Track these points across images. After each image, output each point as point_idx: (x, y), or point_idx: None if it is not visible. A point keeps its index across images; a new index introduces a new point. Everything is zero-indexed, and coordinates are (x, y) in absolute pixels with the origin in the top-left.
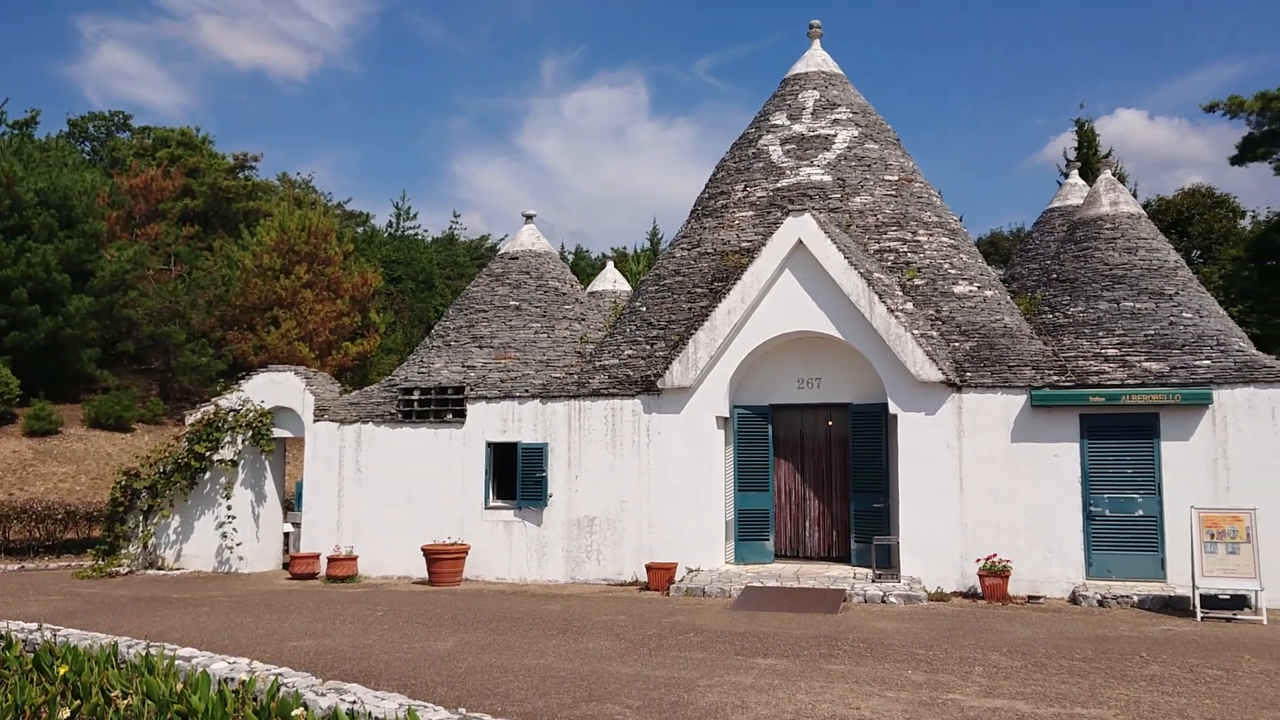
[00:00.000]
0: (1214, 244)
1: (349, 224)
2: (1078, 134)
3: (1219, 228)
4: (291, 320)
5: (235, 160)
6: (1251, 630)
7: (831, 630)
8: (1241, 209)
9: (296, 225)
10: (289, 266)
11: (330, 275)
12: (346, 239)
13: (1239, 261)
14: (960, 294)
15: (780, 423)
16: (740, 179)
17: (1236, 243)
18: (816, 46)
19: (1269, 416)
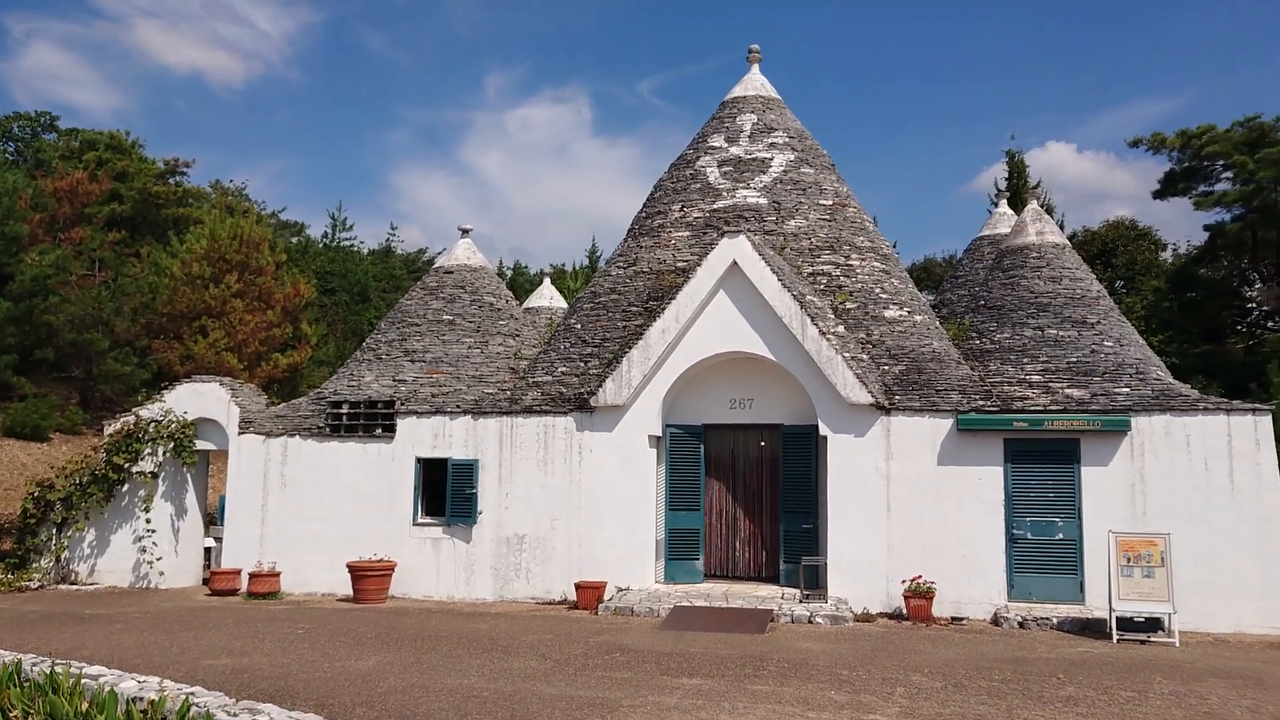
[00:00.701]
0: (1137, 275)
1: (283, 233)
2: (1008, 165)
3: (1142, 259)
4: (220, 330)
5: (166, 166)
6: (1164, 652)
7: (758, 650)
8: (1163, 242)
9: (228, 233)
10: (219, 275)
11: (262, 285)
12: (280, 249)
13: (1160, 293)
14: (891, 318)
15: (712, 442)
16: (677, 199)
17: (1158, 274)
18: (755, 71)
19: (1184, 444)
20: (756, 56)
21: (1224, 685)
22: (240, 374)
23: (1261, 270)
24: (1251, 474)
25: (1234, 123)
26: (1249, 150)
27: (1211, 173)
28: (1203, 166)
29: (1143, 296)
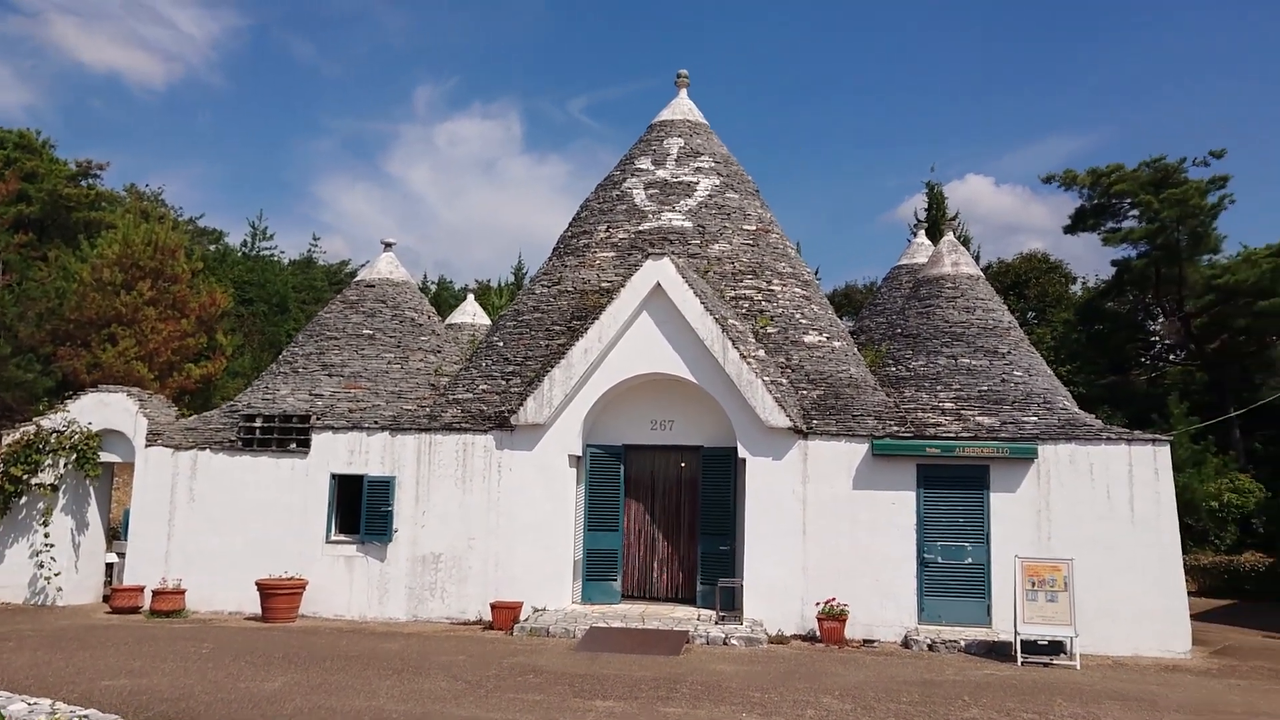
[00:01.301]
0: (1048, 307)
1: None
2: (928, 196)
3: (1053, 292)
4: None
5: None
6: (1065, 675)
7: (672, 672)
8: (1073, 275)
9: (142, 239)
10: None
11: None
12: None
13: (1069, 325)
14: (810, 343)
15: (633, 463)
16: (604, 220)
17: (1068, 307)
18: (683, 95)
19: (1087, 472)
20: (684, 81)
21: (1119, 708)
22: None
23: (1164, 305)
24: (1151, 502)
25: (1141, 163)
26: (1154, 190)
27: (1119, 210)
28: (1111, 204)
29: (1053, 328)
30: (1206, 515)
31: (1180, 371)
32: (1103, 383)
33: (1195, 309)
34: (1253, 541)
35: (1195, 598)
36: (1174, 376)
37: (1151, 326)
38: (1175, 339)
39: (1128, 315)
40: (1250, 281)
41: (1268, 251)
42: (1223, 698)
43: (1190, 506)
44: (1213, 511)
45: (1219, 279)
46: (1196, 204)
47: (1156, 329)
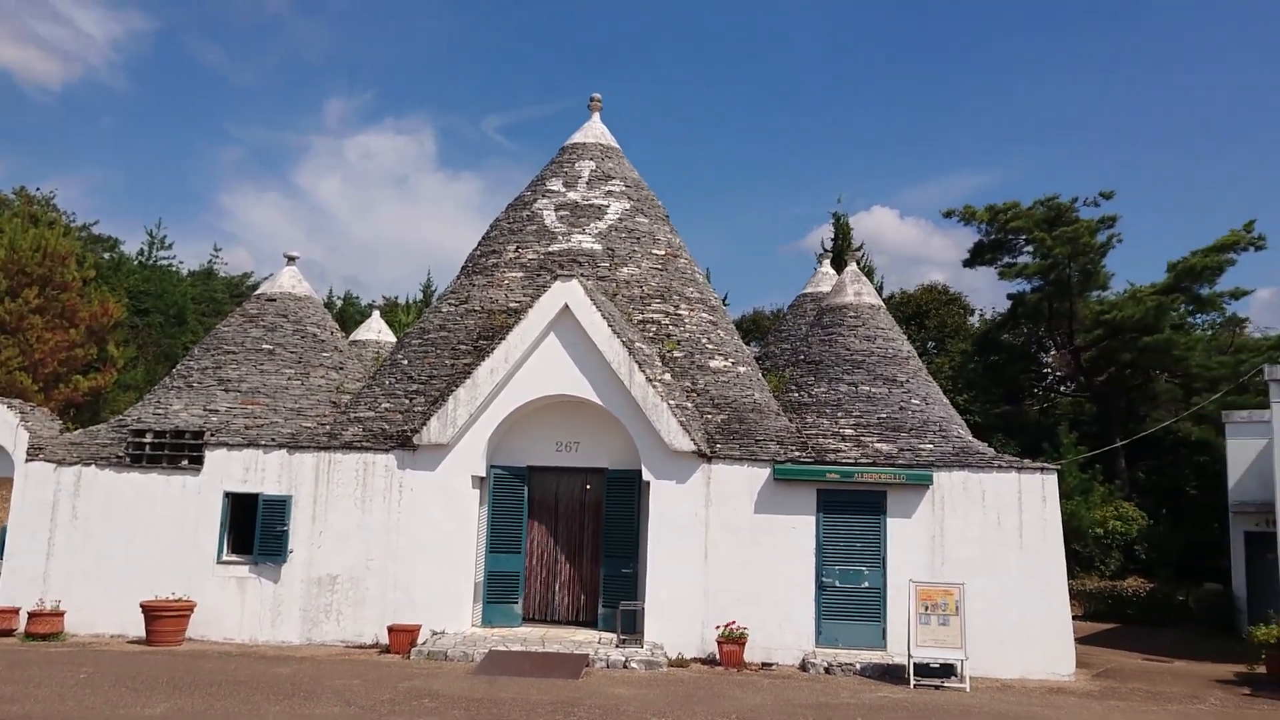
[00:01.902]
0: (947, 337)
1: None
2: (834, 226)
3: (951, 323)
4: (14, 348)
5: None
6: (956, 698)
7: (571, 696)
8: (971, 307)
9: (30, 244)
10: (16, 289)
11: (65, 301)
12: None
13: (966, 355)
14: (716, 368)
15: (536, 485)
16: (513, 239)
17: (965, 337)
18: (596, 119)
19: (979, 498)
20: (598, 105)
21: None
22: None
23: (1056, 338)
24: (1038, 528)
25: (1036, 201)
26: (1048, 227)
27: (1015, 245)
28: (1008, 239)
29: (951, 358)
30: (1093, 542)
31: (1070, 402)
32: (997, 412)
33: (1085, 343)
34: (1135, 567)
35: (1081, 621)
36: (1064, 407)
37: (1044, 358)
38: (1066, 371)
39: (1022, 347)
40: (1136, 318)
41: (1151, 290)
42: (1103, 719)
43: (1077, 533)
44: (1098, 538)
45: (1107, 314)
46: (1087, 242)
47: (1049, 361)
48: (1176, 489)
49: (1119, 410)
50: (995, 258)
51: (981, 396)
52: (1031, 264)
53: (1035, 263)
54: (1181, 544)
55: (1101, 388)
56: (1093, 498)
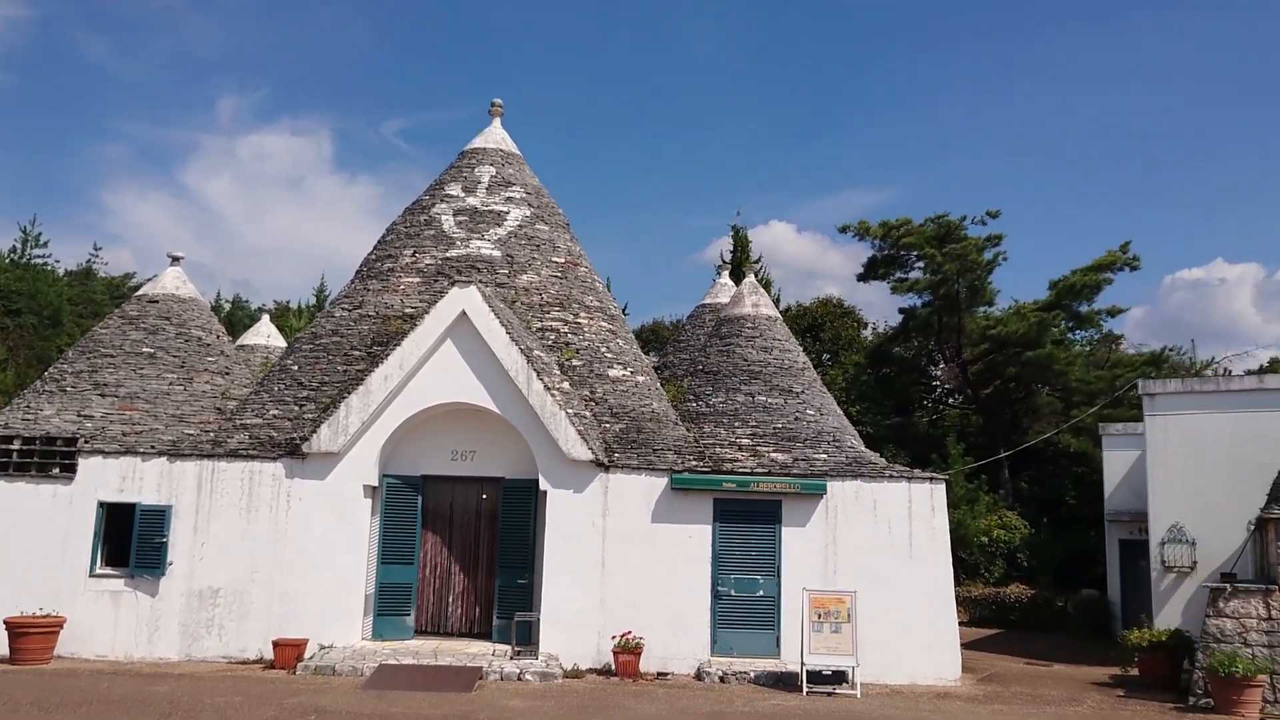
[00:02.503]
0: (841, 350)
1: None
2: (733, 239)
3: (845, 335)
4: None
5: None
6: (846, 704)
7: (463, 710)
8: (865, 320)
9: None
10: None
11: None
12: None
13: (859, 367)
14: (614, 377)
15: (431, 494)
16: (410, 244)
17: (859, 350)
18: (496, 125)
19: (871, 508)
20: (499, 110)
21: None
22: None
23: (945, 352)
24: (927, 536)
25: (926, 219)
26: (938, 244)
27: (907, 261)
28: (899, 255)
29: (845, 370)
30: (978, 550)
31: (958, 414)
32: (889, 423)
33: (972, 356)
34: (1018, 574)
35: (966, 627)
36: (952, 419)
37: (933, 371)
38: (954, 384)
39: (912, 360)
40: (1019, 333)
41: (1034, 306)
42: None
43: (964, 541)
44: (983, 546)
45: (993, 329)
46: (974, 259)
47: (938, 374)
48: (1057, 499)
49: (1003, 422)
50: (888, 273)
51: (873, 408)
52: (922, 279)
53: (926, 278)
54: (1061, 552)
55: (987, 400)
56: (978, 507)
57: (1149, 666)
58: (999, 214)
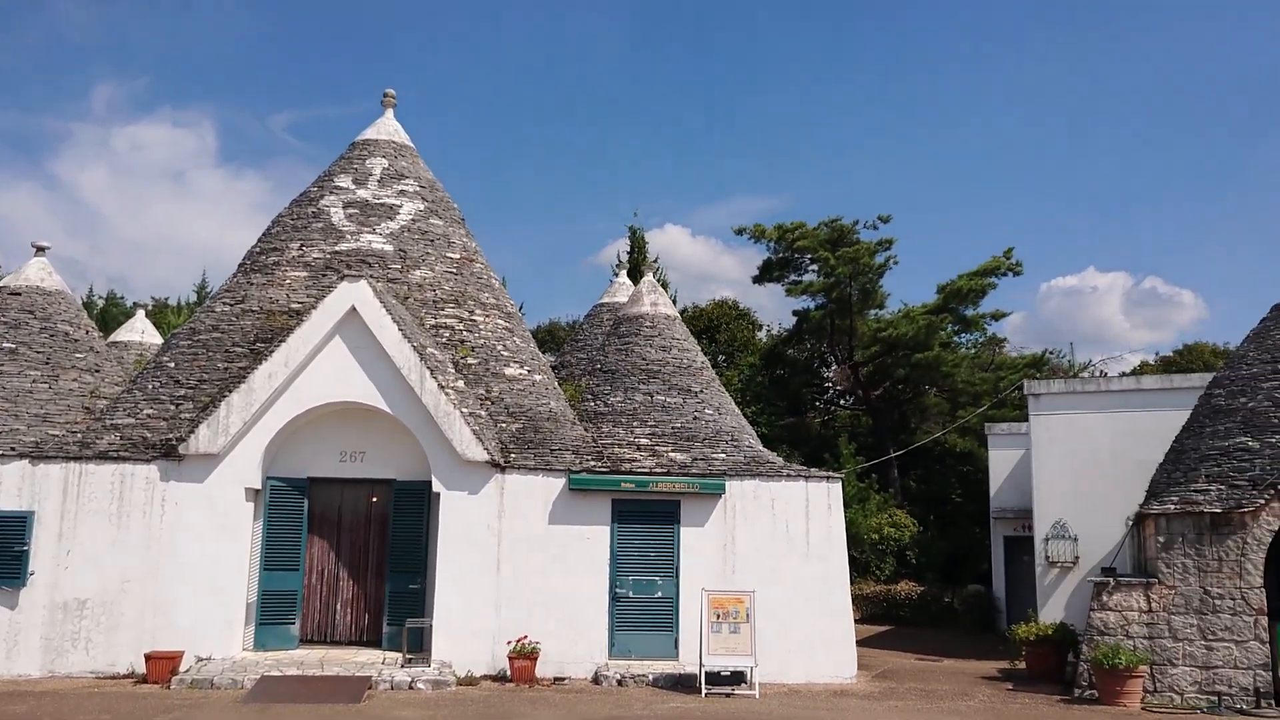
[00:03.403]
0: (736, 351)
1: None
2: (630, 240)
3: (741, 337)
4: None
5: None
6: (745, 705)
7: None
8: (760, 322)
9: None
10: None
11: None
12: None
13: (754, 368)
14: (511, 376)
15: (318, 497)
16: (297, 237)
17: (754, 352)
18: (389, 115)
19: (769, 507)
20: (391, 101)
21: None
22: None
23: (837, 354)
24: (823, 535)
25: (820, 222)
26: (831, 247)
27: (801, 264)
28: (794, 258)
29: (740, 371)
30: (869, 548)
31: (849, 415)
32: (783, 423)
33: (863, 358)
34: (907, 571)
35: (859, 624)
36: (844, 419)
37: (826, 373)
38: (846, 385)
39: (806, 362)
40: (909, 336)
41: (923, 310)
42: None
43: (856, 540)
44: (874, 544)
45: (883, 332)
46: (866, 263)
47: (830, 375)
48: (944, 497)
49: (893, 422)
50: (782, 275)
51: (768, 409)
52: (816, 282)
53: (819, 281)
54: (948, 549)
55: (877, 401)
56: (869, 506)
57: (1036, 660)
58: (890, 219)
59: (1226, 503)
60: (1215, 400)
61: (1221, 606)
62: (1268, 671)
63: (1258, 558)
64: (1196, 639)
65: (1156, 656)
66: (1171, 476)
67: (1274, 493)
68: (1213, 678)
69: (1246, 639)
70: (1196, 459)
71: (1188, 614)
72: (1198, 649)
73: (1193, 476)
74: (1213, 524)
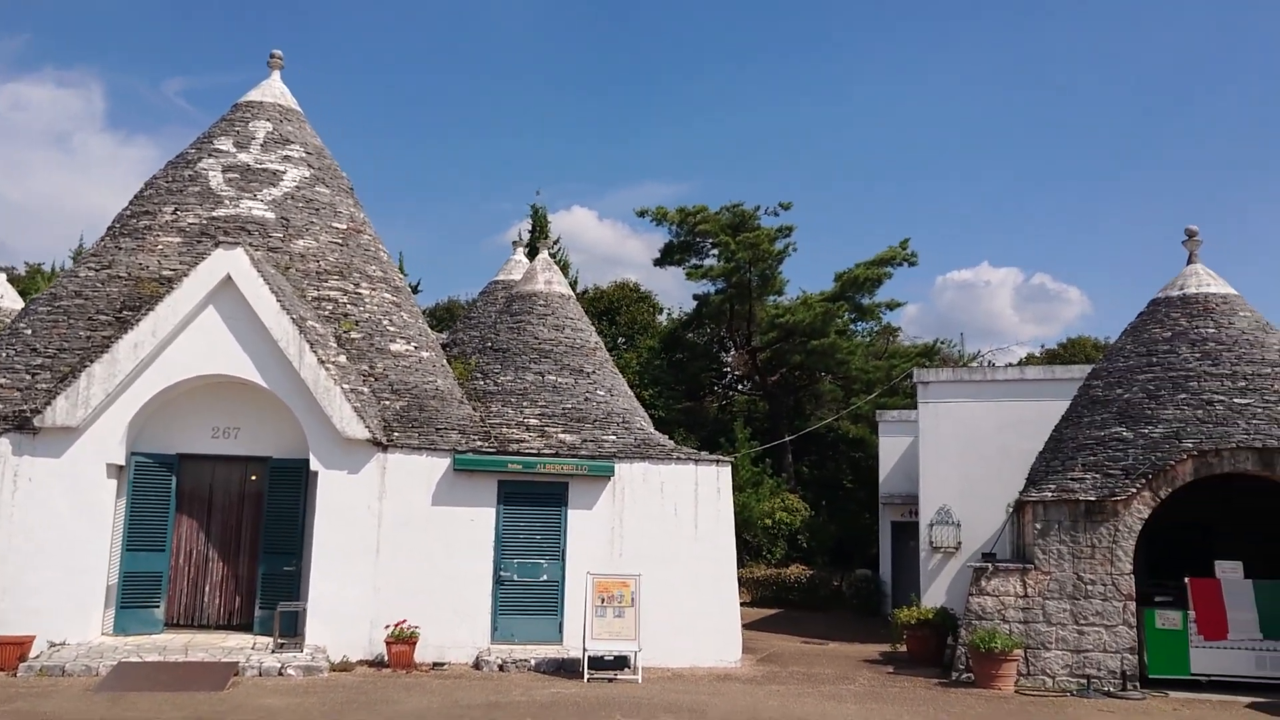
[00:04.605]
0: (636, 334)
1: None
2: (532, 218)
3: (641, 320)
4: None
5: None
6: (628, 689)
7: (211, 711)
8: (661, 306)
9: None
10: None
11: None
12: None
13: (654, 351)
14: (397, 352)
15: (188, 474)
16: (171, 200)
17: (654, 335)
18: (276, 78)
19: (659, 489)
20: (278, 62)
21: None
22: None
23: (735, 339)
24: (712, 519)
25: (722, 207)
26: (732, 232)
27: (702, 248)
28: (695, 242)
29: (639, 354)
30: (761, 532)
31: (746, 400)
32: (680, 407)
33: (761, 344)
34: (797, 555)
35: (748, 607)
36: (741, 404)
37: (724, 358)
38: (744, 370)
39: (705, 346)
40: (806, 322)
41: (820, 297)
42: (764, 704)
43: (748, 524)
44: (766, 528)
45: (781, 318)
46: (767, 249)
47: (728, 360)
48: (835, 482)
49: (788, 408)
50: (684, 259)
51: (665, 392)
52: (716, 266)
53: (720, 265)
54: (837, 533)
55: (774, 387)
56: (762, 490)
57: (916, 643)
58: (791, 205)
59: (1101, 491)
60: (1093, 391)
61: (1094, 592)
62: (1134, 655)
63: (1129, 545)
64: (1069, 623)
65: (1031, 640)
66: (1050, 465)
67: (1145, 482)
68: (1083, 661)
69: (1116, 624)
70: (1074, 448)
71: (1061, 599)
72: (1070, 633)
73: (1070, 465)
74: (1087, 512)
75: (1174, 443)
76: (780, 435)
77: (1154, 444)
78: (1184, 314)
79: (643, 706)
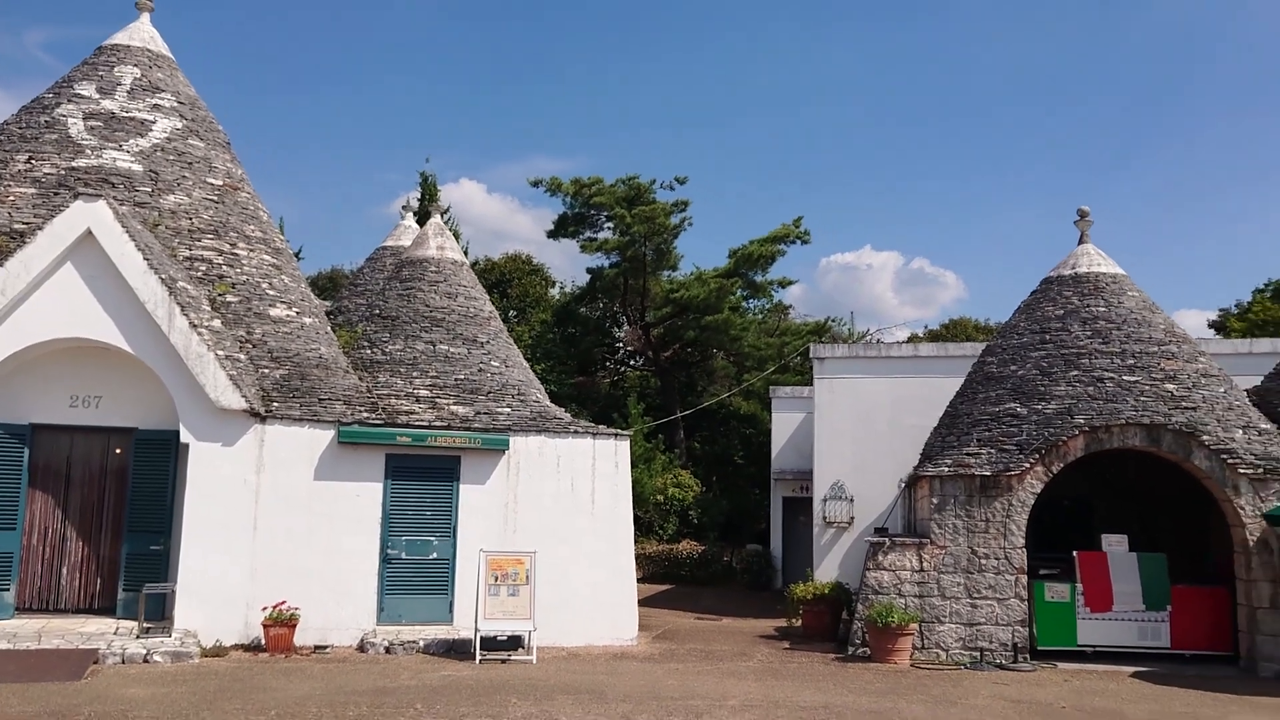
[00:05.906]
0: (528, 307)
1: None
2: (422, 187)
3: (533, 293)
4: None
5: None
6: (522, 671)
7: (64, 703)
8: (553, 279)
9: None
10: None
11: None
12: None
13: (546, 325)
14: (277, 317)
15: (43, 447)
16: (25, 148)
17: (546, 309)
18: (145, 20)
19: (555, 464)
20: (148, 5)
21: (571, 702)
22: None
23: (629, 314)
24: (610, 494)
25: (618, 179)
26: (628, 205)
27: (597, 221)
28: (590, 214)
29: (531, 328)
30: (654, 508)
31: (639, 376)
32: (572, 382)
33: (655, 320)
34: (689, 531)
35: (641, 584)
36: (633, 380)
37: (618, 333)
38: (637, 346)
39: (598, 321)
40: (700, 298)
41: (715, 274)
42: (663, 683)
43: (640, 499)
44: (659, 504)
45: (676, 294)
46: (662, 223)
47: (622, 335)
48: (727, 458)
49: (681, 384)
50: (578, 231)
51: (558, 367)
52: (611, 240)
53: (614, 239)
54: (729, 509)
55: (667, 363)
56: (655, 466)
57: (812, 618)
58: (686, 180)
59: (996, 466)
60: (988, 368)
61: (987, 566)
62: (1025, 628)
63: (1021, 519)
64: (963, 597)
65: (926, 614)
66: (945, 440)
67: (1038, 457)
68: (976, 634)
69: (1008, 597)
70: (969, 424)
71: (956, 573)
72: (964, 607)
73: (965, 441)
74: (982, 486)
75: (1066, 419)
76: (673, 411)
77: (1047, 420)
78: (1076, 292)
79: (538, 689)
